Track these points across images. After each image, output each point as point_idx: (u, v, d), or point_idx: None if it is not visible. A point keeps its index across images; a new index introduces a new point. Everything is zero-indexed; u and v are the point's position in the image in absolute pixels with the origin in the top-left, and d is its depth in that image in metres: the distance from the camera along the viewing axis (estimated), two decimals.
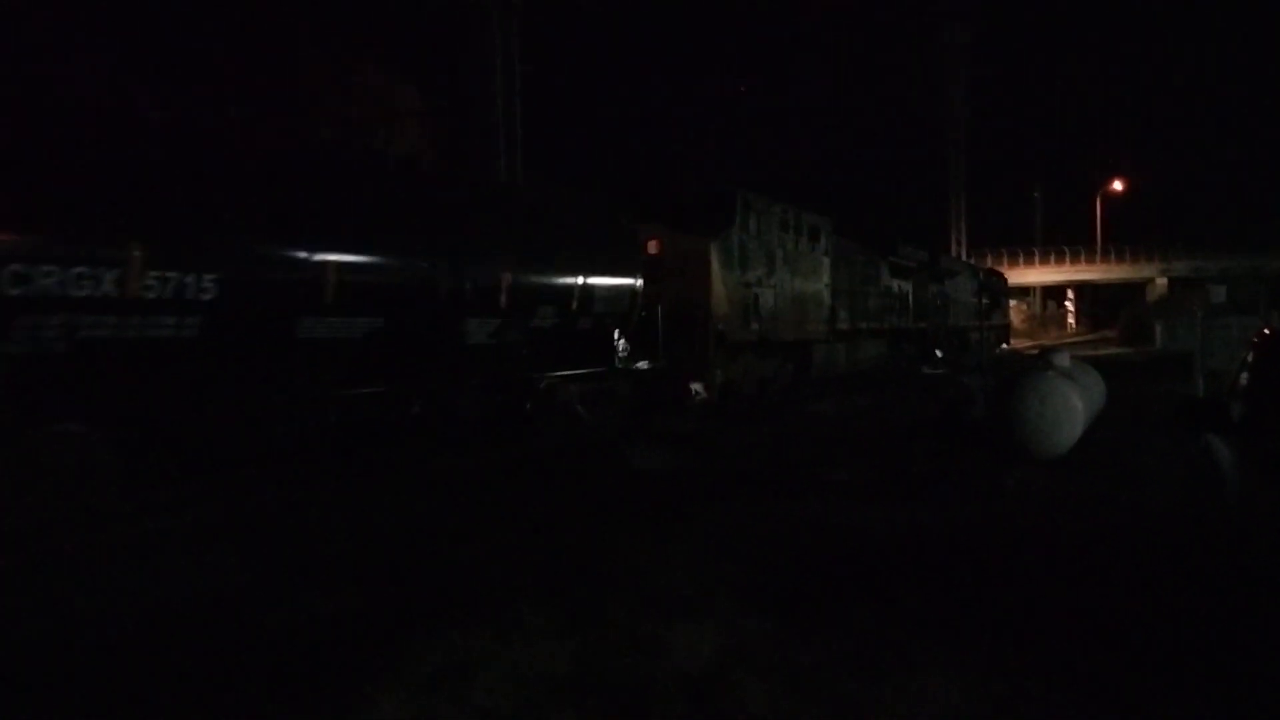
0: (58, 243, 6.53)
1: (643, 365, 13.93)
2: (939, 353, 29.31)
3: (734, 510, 7.66)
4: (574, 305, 12.01)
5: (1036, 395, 9.35)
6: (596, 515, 7.48)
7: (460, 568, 5.98)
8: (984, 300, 36.18)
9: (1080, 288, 69.43)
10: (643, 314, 14.28)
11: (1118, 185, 65.23)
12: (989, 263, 52.71)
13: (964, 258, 54.94)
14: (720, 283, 15.70)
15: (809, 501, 7.93)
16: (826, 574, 5.78)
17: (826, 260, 20.52)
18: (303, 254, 8.30)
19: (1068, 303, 71.40)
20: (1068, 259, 64.85)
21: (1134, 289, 64.51)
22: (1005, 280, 39.90)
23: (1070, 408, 9.30)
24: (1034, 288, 67.17)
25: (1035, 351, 21.34)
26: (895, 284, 26.07)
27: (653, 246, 15.40)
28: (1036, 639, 4.66)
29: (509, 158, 25.68)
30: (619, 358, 13.27)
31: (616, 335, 13.27)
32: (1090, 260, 64.94)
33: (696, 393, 15.40)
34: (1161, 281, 62.83)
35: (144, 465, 7.30)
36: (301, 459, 8.83)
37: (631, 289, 13.25)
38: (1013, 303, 69.51)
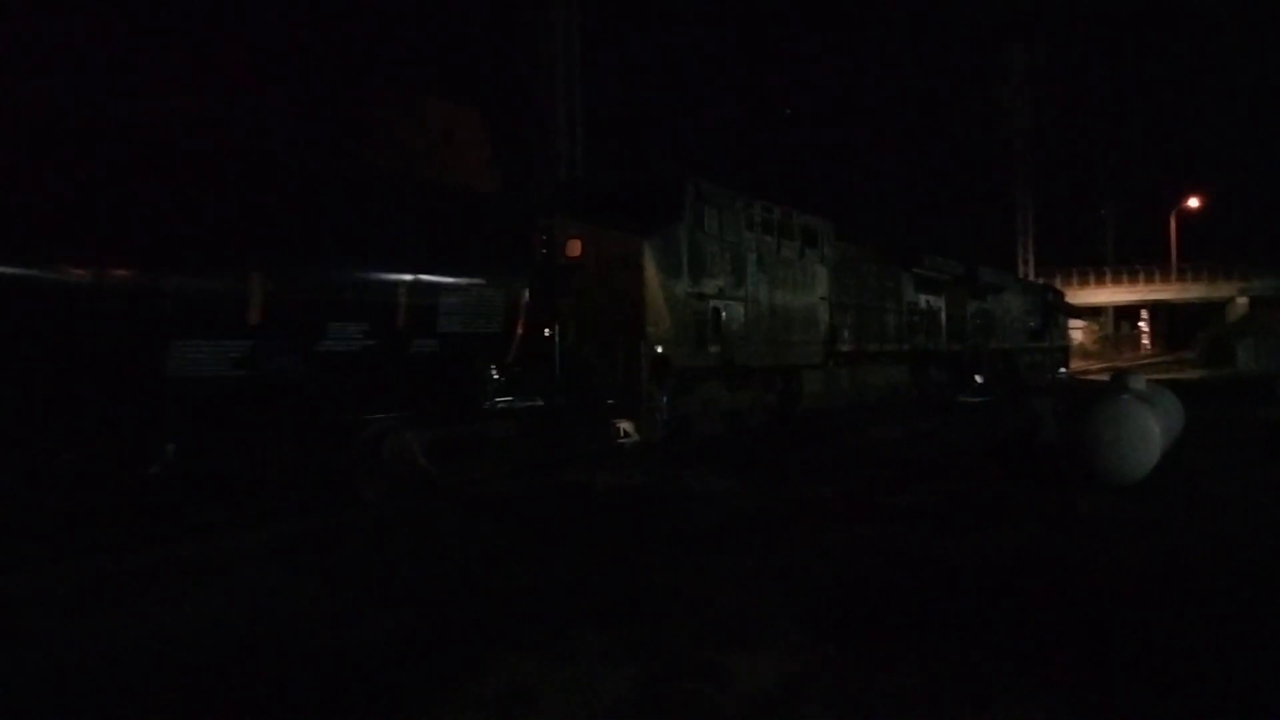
0: None
1: (532, 403, 10.36)
2: (979, 378, 25.09)
3: (793, 538, 7.23)
4: (400, 321, 8.52)
5: (1111, 419, 8.98)
6: (663, 539, 7.19)
7: (515, 591, 5.83)
8: (1038, 319, 31.73)
9: (1155, 308, 67.18)
10: (545, 334, 10.75)
11: (1193, 202, 62.34)
12: (1058, 283, 49.81)
13: (1031, 277, 53.40)
14: (658, 292, 12.09)
15: (873, 528, 7.55)
16: (893, 603, 5.53)
17: (824, 270, 16.78)
18: None
19: (1141, 323, 69.98)
20: (1141, 278, 62.87)
21: (1212, 309, 62.50)
22: (1063, 297, 35.16)
23: (1146, 432, 8.96)
24: (1106, 308, 65.06)
25: (1104, 375, 20.60)
26: (922, 299, 22.07)
27: (573, 248, 11.89)
28: (1114, 676, 4.41)
29: (570, 158, 24.02)
30: (489, 393, 9.70)
31: (489, 363, 9.73)
32: (1165, 279, 62.80)
33: (625, 434, 11.76)
34: (1242, 301, 61.02)
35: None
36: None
37: (508, 300, 9.71)
38: (1082, 324, 68.29)
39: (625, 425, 11.74)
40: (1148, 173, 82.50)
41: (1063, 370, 34.63)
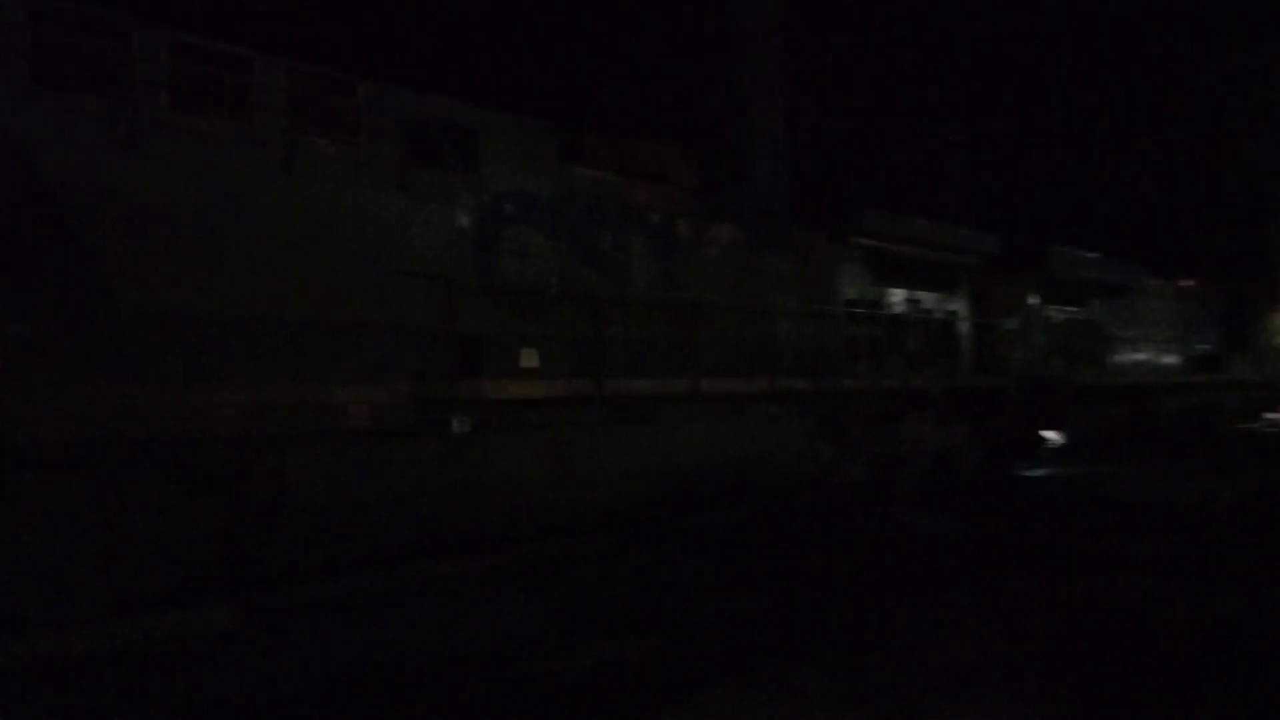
0: None
1: None
2: (1054, 435, 14.06)
3: (1028, 582, 6.62)
4: None
5: None
6: (873, 580, 6.74)
7: (732, 625, 5.51)
8: (1211, 337, 19.51)
9: None
10: None
11: None
12: None
13: None
14: None
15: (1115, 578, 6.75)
16: (1139, 661, 4.87)
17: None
18: None
19: None
20: None
21: None
22: (1261, 300, 21.81)
23: None
24: None
25: None
26: (897, 296, 11.84)
27: None
28: None
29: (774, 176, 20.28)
30: None
31: None
32: None
33: None
34: None
35: None
36: None
37: None
38: None
39: None
40: None
41: (1270, 416, 21.56)
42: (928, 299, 12.43)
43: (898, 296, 11.92)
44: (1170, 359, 17.91)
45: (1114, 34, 31.21)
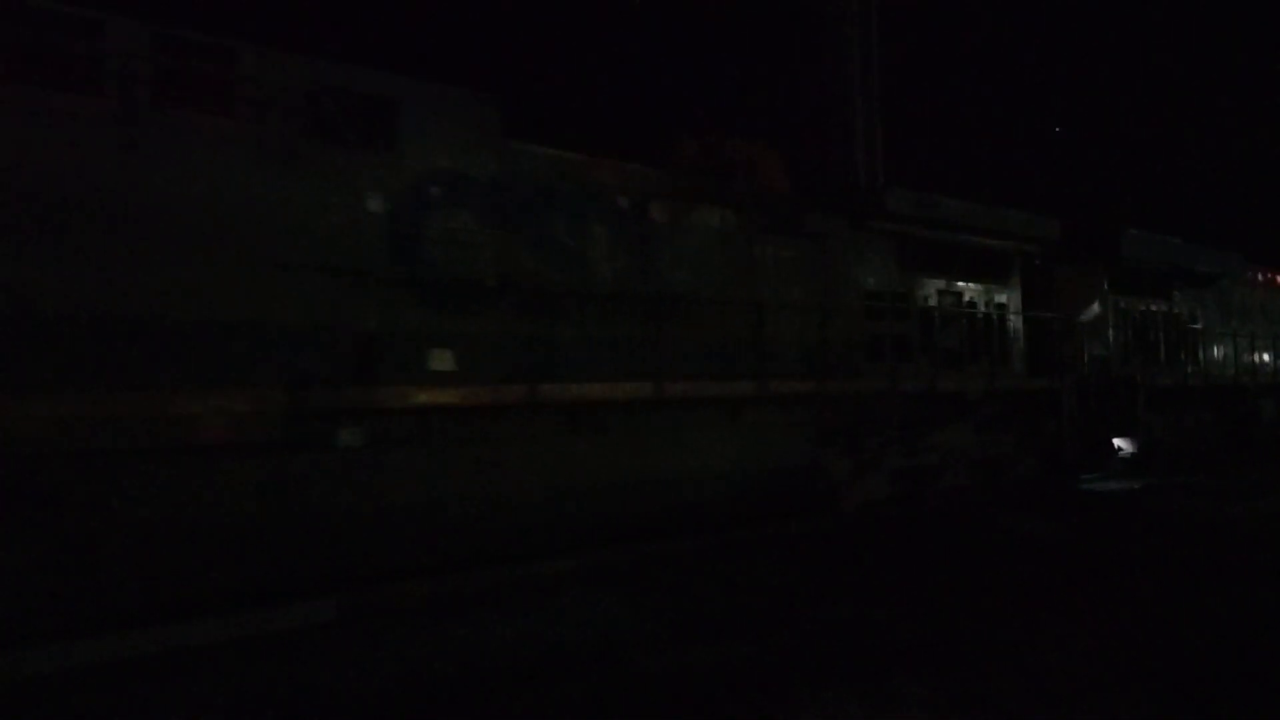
0: None
1: None
2: (1124, 444, 12.34)
3: (1131, 589, 6.43)
4: None
5: None
6: (973, 585, 6.57)
7: (827, 628, 5.44)
8: None
9: None
10: None
11: None
12: None
13: None
14: None
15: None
16: (1241, 671, 4.71)
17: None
18: None
19: None
20: None
21: None
22: None
23: None
24: None
25: None
26: (931, 289, 10.45)
27: None
28: None
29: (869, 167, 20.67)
30: None
31: None
32: None
33: None
34: None
35: None
36: None
37: None
38: None
39: None
40: None
41: None
42: (972, 291, 10.98)
43: (932, 288, 10.52)
44: (1272, 356, 15.75)
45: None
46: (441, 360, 6.24)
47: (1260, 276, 15.88)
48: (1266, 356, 15.58)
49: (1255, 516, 9.44)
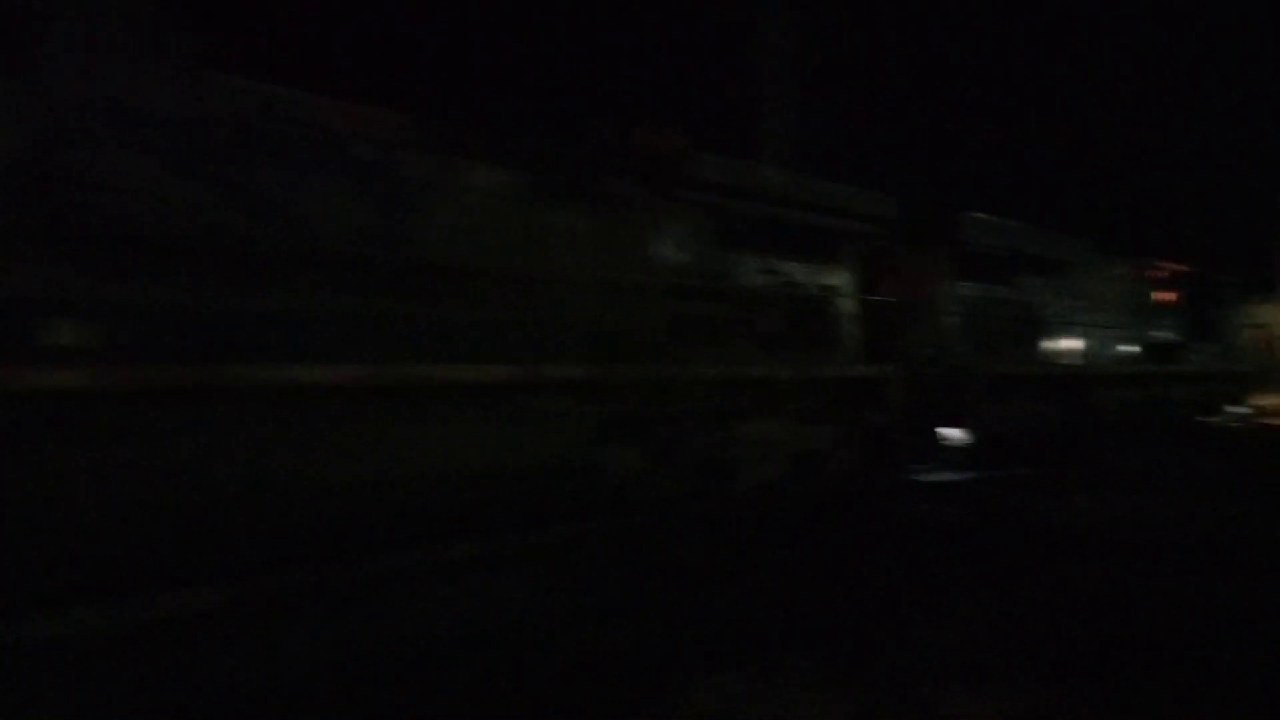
0: None
1: None
2: (955, 433, 11.83)
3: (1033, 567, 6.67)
4: None
5: None
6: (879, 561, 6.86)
7: (725, 610, 5.54)
8: (1172, 325, 17.18)
9: None
10: None
11: None
12: None
13: None
14: None
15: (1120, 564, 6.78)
16: (1136, 649, 4.83)
17: None
18: None
19: None
20: None
21: None
22: (1232, 287, 19.15)
23: None
24: None
25: None
26: (749, 263, 9.61)
27: None
28: None
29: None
30: None
31: None
32: None
33: None
34: None
35: None
36: None
37: None
38: None
39: None
40: None
41: (1232, 409, 19.14)
42: (800, 272, 10.19)
43: (754, 267, 9.68)
44: (1120, 347, 15.59)
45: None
46: (61, 333, 5.01)
47: (1113, 266, 15.64)
48: (1115, 347, 15.40)
49: (1072, 515, 8.98)
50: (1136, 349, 16.12)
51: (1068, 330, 14.24)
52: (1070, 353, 14.31)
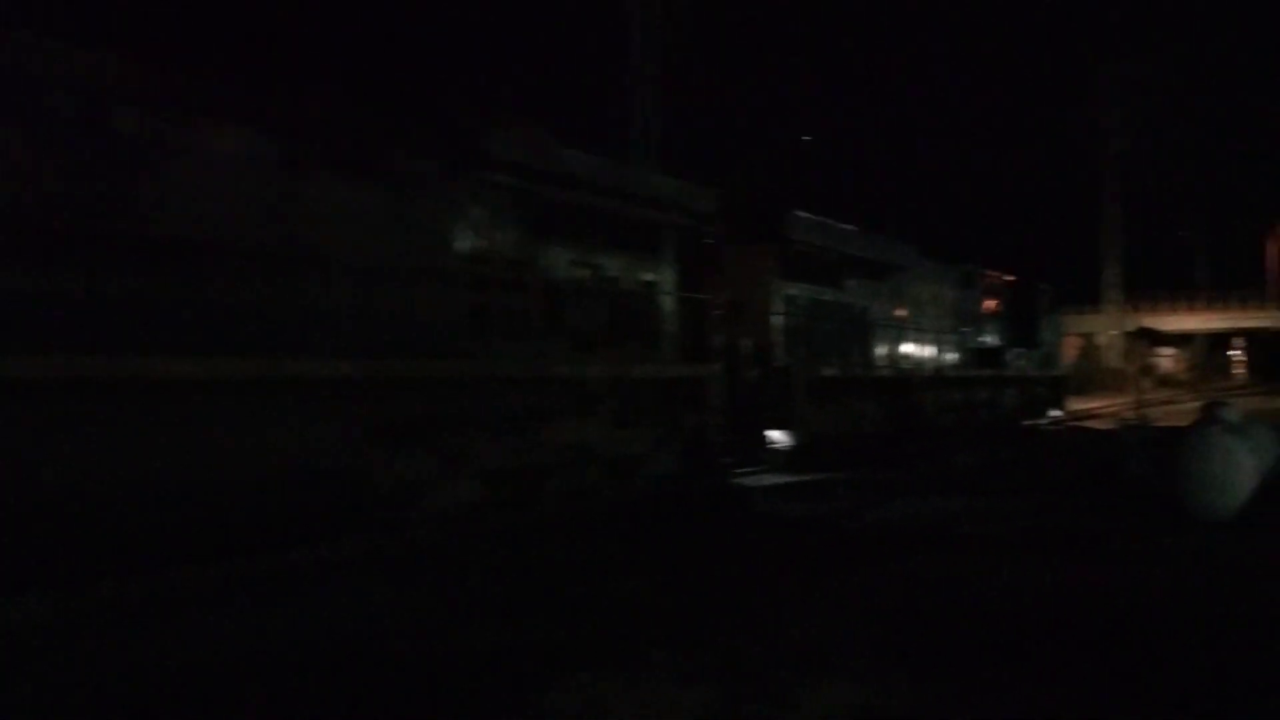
0: None
1: None
2: (780, 435, 11.46)
3: (873, 562, 6.90)
4: None
5: (1198, 451, 8.14)
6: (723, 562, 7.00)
7: (591, 609, 5.59)
8: (997, 332, 17.61)
9: (1251, 336, 59.16)
10: None
11: None
12: (1146, 311, 44.81)
13: (1118, 302, 49.70)
14: None
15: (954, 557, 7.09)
16: (973, 634, 5.09)
17: None
18: None
19: (1233, 352, 60.24)
20: (1236, 304, 57.39)
21: None
22: (1049, 295, 20.15)
23: (1236, 465, 8.07)
24: (1196, 335, 58.57)
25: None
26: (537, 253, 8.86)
27: None
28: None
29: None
30: None
31: None
32: (1262, 306, 56.94)
33: None
34: None
35: None
36: None
37: None
38: (1171, 352, 58.94)
39: None
40: (1244, 194, 63.33)
41: (1055, 412, 19.94)
42: (614, 265, 9.52)
43: (564, 258, 8.93)
44: (944, 351, 15.77)
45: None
46: None
47: (939, 272, 15.81)
48: (940, 351, 15.55)
49: (882, 525, 8.70)
50: (962, 353, 16.37)
51: (895, 333, 14.23)
52: (897, 356, 14.29)
